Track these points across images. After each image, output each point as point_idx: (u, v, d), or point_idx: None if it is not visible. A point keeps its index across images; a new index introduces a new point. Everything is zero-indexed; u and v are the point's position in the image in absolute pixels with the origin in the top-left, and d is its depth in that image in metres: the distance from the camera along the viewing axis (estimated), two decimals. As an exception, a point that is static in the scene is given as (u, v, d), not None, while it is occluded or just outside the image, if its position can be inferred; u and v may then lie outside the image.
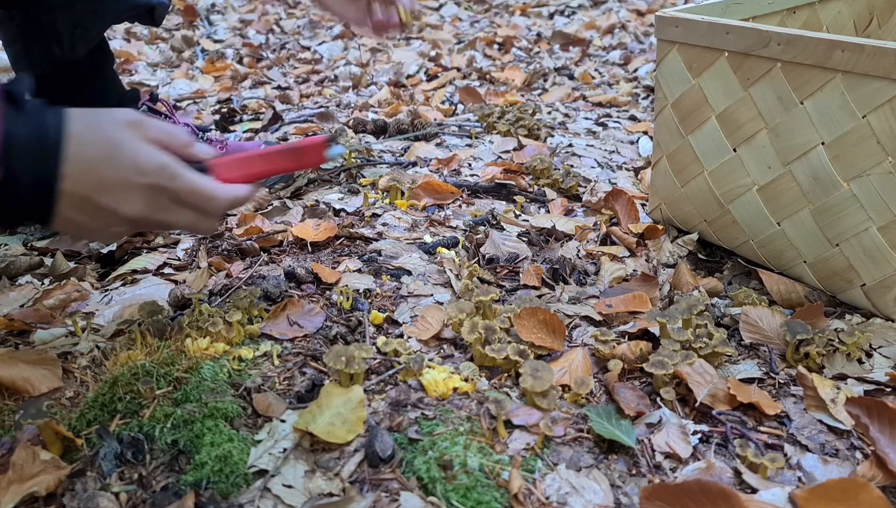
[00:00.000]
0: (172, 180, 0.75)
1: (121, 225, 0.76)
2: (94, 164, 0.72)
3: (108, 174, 0.72)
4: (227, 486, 0.71)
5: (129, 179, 0.73)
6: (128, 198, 0.73)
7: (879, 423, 0.78)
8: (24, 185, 0.69)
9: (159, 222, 0.77)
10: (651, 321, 0.95)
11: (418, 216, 1.32)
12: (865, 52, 0.86)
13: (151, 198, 0.75)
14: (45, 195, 0.71)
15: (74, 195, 0.71)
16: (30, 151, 0.69)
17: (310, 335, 0.96)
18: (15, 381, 0.84)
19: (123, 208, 0.73)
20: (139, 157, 0.73)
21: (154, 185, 0.74)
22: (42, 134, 0.70)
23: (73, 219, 0.73)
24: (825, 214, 0.98)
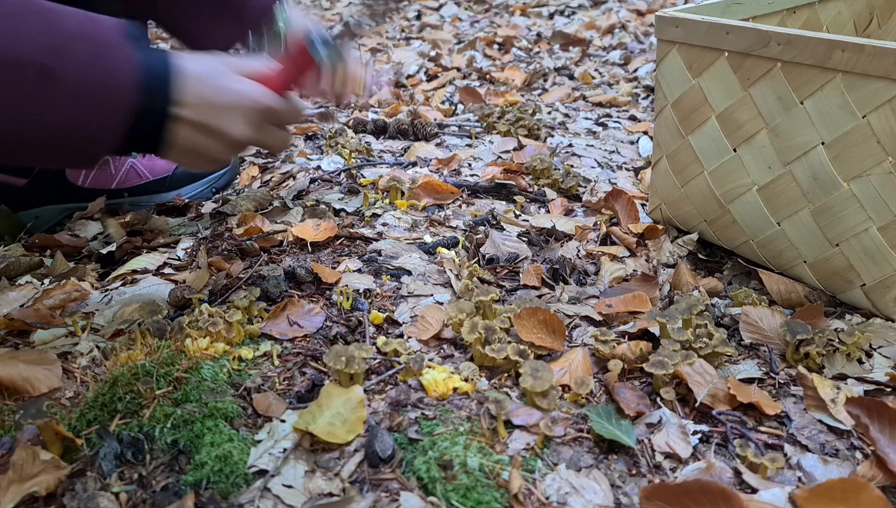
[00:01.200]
0: (273, 103, 0.87)
1: (228, 148, 0.86)
2: (206, 93, 0.82)
3: (219, 102, 0.83)
4: (227, 486, 0.71)
5: (238, 105, 0.84)
6: (236, 122, 0.84)
7: (879, 423, 0.78)
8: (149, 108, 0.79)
9: (259, 142, 0.90)
10: (651, 321, 0.95)
11: (418, 216, 1.32)
12: (865, 52, 0.86)
13: (255, 121, 0.86)
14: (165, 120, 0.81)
15: (189, 121, 0.82)
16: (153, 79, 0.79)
17: (310, 335, 0.96)
18: (15, 381, 0.84)
19: (232, 131, 0.84)
20: (243, 87, 0.85)
21: (260, 109, 0.86)
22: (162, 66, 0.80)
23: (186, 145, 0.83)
24: (825, 214, 0.98)
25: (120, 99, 0.77)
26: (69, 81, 0.73)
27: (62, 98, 0.73)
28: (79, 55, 0.74)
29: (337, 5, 4.08)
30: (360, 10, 0.97)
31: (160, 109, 0.80)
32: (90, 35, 0.76)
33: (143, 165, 1.38)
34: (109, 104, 0.76)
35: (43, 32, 0.73)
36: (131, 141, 0.81)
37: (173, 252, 1.20)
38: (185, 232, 1.29)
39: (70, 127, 0.76)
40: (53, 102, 0.73)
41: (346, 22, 0.97)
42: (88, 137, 0.78)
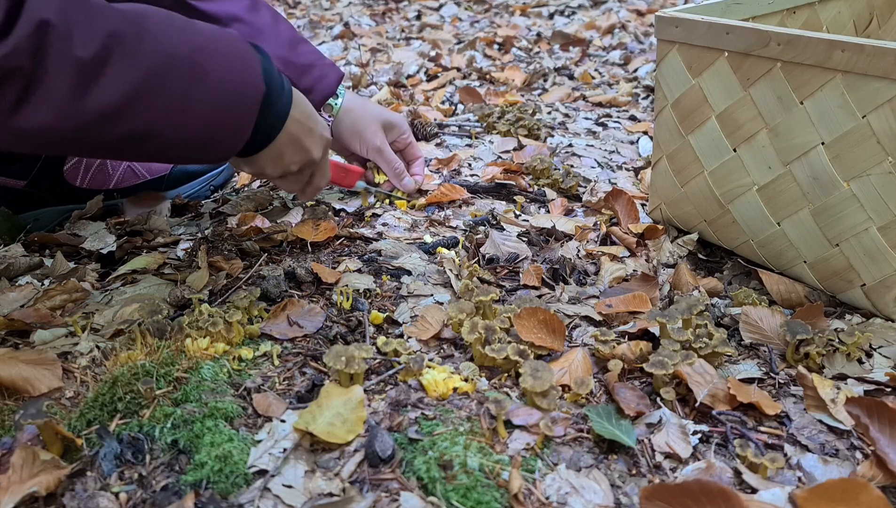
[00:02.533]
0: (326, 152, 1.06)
1: (300, 166, 1.00)
2: (307, 113, 0.97)
3: (313, 125, 0.98)
4: (227, 486, 0.71)
5: (321, 132, 1.01)
6: (316, 146, 1.00)
7: (879, 423, 0.78)
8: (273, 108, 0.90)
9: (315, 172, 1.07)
10: (651, 321, 0.95)
11: (418, 216, 1.32)
12: (865, 52, 0.86)
13: (324, 150, 1.03)
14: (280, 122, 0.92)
15: (290, 132, 0.94)
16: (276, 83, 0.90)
17: (310, 335, 0.96)
18: (15, 381, 0.84)
19: (312, 152, 1.00)
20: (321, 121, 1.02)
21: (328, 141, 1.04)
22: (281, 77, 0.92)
23: (278, 150, 0.95)
24: (825, 214, 0.98)
25: (253, 96, 0.86)
26: (215, 77, 0.82)
27: (210, 92, 0.82)
28: (221, 54, 0.83)
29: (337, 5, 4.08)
30: None
31: (278, 110, 0.91)
32: (225, 38, 0.85)
33: (140, 165, 1.38)
34: (246, 100, 0.86)
35: (190, 34, 0.81)
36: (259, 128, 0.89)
37: (173, 252, 1.20)
38: (185, 232, 1.29)
39: (216, 119, 0.84)
40: (203, 96, 0.81)
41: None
42: (229, 130, 0.86)
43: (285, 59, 1.22)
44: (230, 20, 1.20)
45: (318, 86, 1.26)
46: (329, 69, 1.28)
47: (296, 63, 1.24)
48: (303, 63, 1.25)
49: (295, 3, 4.13)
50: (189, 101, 0.80)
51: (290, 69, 1.22)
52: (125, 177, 1.37)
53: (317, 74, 1.26)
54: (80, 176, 1.33)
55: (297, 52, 1.25)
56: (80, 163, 1.32)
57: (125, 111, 0.76)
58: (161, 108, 0.78)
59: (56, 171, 1.30)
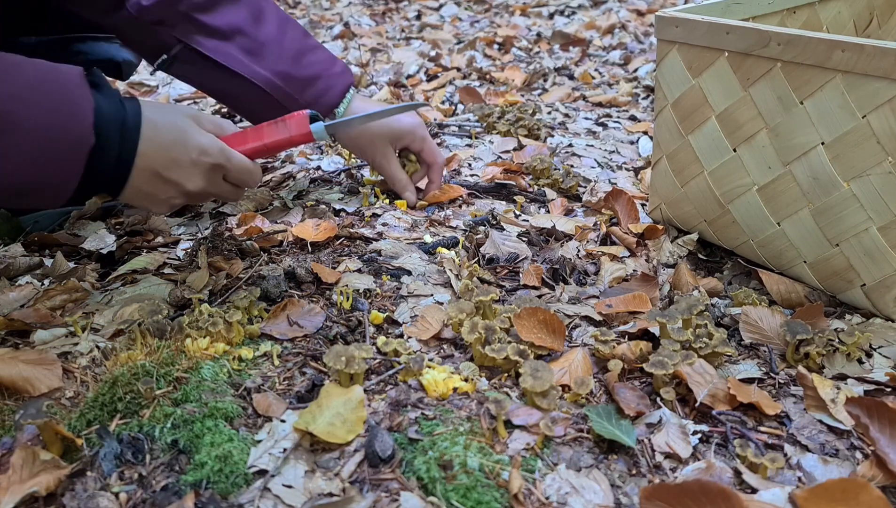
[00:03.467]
0: (229, 161, 0.94)
1: (180, 197, 0.93)
2: (166, 145, 0.87)
3: (177, 155, 0.88)
4: (227, 486, 0.71)
5: (194, 160, 0.90)
6: (191, 175, 0.91)
7: (879, 423, 0.78)
8: (109, 155, 0.83)
9: (210, 194, 0.96)
10: (651, 321, 0.95)
11: (418, 216, 1.32)
12: (865, 52, 0.86)
13: (210, 175, 0.93)
14: (124, 167, 0.85)
15: (147, 170, 0.87)
16: (115, 127, 0.83)
17: (310, 335, 0.96)
18: (15, 381, 0.84)
19: (186, 183, 0.91)
20: (202, 142, 0.91)
21: (215, 164, 0.92)
22: (123, 114, 0.84)
23: (141, 190, 0.89)
24: (825, 214, 0.98)
25: (78, 144, 0.80)
26: (30, 128, 0.77)
27: (23, 142, 0.78)
28: (40, 103, 0.78)
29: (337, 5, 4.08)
30: None
31: (116, 155, 0.84)
32: (49, 83, 0.80)
33: None
34: (67, 148, 0.80)
35: (7, 81, 0.77)
36: (90, 185, 0.85)
37: (173, 252, 1.20)
38: (185, 232, 1.29)
39: (33, 171, 0.80)
40: (15, 146, 0.77)
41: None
42: (50, 181, 0.82)
43: (286, 75, 1.20)
44: (233, 33, 1.17)
45: (321, 100, 1.23)
46: (335, 79, 1.25)
47: (297, 77, 1.21)
48: (305, 76, 1.22)
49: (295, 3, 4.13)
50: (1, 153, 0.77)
51: (291, 84, 1.20)
52: None
53: (321, 86, 1.23)
54: None
55: (301, 65, 1.22)
56: None
57: None
58: None
59: None
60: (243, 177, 0.98)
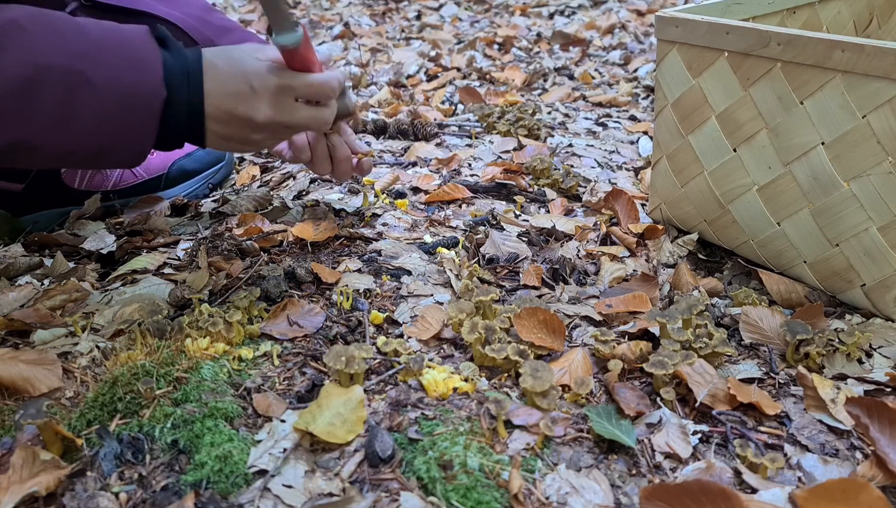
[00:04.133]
0: (292, 80, 0.89)
1: (258, 131, 0.90)
2: (227, 82, 0.86)
3: (238, 88, 0.87)
4: (227, 486, 0.71)
5: (255, 88, 0.87)
6: (257, 104, 0.87)
7: (879, 423, 0.78)
8: (181, 105, 0.84)
9: (287, 122, 0.91)
10: (651, 321, 0.95)
11: (418, 216, 1.32)
12: (865, 52, 0.86)
13: (277, 100, 0.89)
14: (197, 113, 0.86)
15: (218, 110, 0.86)
16: (181, 76, 0.84)
17: (310, 335, 0.96)
18: (15, 381, 0.84)
19: (255, 114, 0.88)
20: (261, 70, 0.88)
21: (277, 87, 0.88)
22: (186, 64, 0.85)
23: (220, 133, 0.89)
24: (825, 214, 0.98)
25: (149, 96, 0.82)
26: (102, 84, 0.79)
27: (95, 101, 0.79)
28: (108, 60, 0.79)
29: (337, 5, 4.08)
30: None
31: (186, 102, 0.85)
32: (116, 41, 0.81)
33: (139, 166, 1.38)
34: (141, 101, 0.82)
35: (74, 41, 0.78)
36: (169, 135, 0.87)
37: (173, 252, 1.20)
38: (184, 232, 1.29)
39: (109, 130, 0.81)
40: (87, 106, 0.79)
41: None
42: (129, 135, 0.83)
43: (201, 19, 1.17)
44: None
45: None
46: (249, 35, 1.22)
47: (213, 24, 1.18)
48: (220, 25, 1.20)
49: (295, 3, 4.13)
50: (70, 112, 0.78)
51: (208, 28, 1.17)
52: (123, 177, 1.37)
53: (238, 36, 1.20)
54: (78, 178, 1.33)
55: (213, 17, 1.20)
56: None
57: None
58: (37, 120, 0.77)
59: (54, 174, 1.30)
60: (315, 91, 0.91)
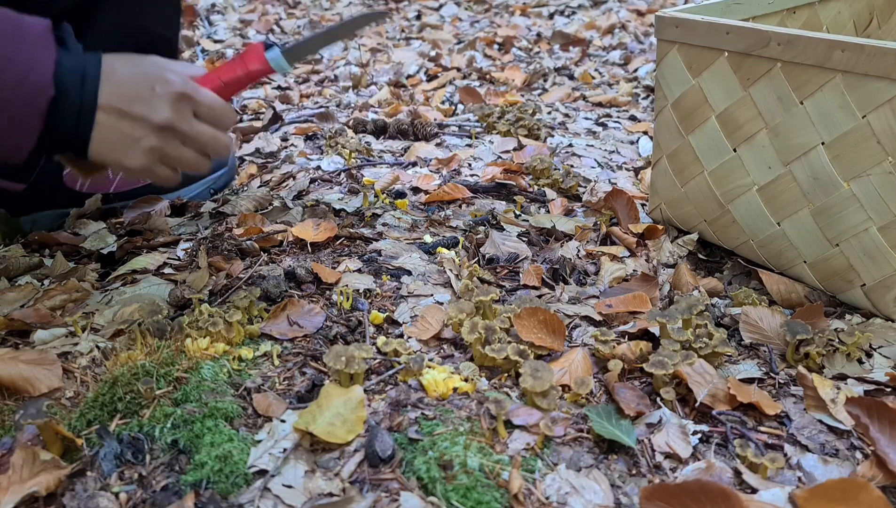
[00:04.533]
0: (196, 92, 0.89)
1: (152, 135, 0.87)
2: (125, 80, 0.85)
3: (138, 87, 0.85)
4: (227, 486, 0.71)
5: (156, 90, 0.86)
6: (156, 105, 0.86)
7: (879, 423, 0.78)
8: (70, 105, 0.82)
9: (184, 131, 0.89)
10: (651, 321, 0.95)
11: (418, 216, 1.32)
12: (865, 52, 0.86)
13: (176, 106, 0.87)
14: (87, 114, 0.83)
15: (109, 110, 0.84)
16: (76, 76, 0.82)
17: (310, 335, 0.96)
18: (15, 381, 0.84)
19: (152, 115, 0.86)
20: (165, 73, 0.87)
21: (179, 93, 0.87)
22: (83, 64, 0.83)
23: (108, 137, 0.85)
24: (825, 214, 0.98)
25: (35, 92, 0.79)
26: None
27: None
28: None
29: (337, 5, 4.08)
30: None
31: (76, 105, 0.82)
32: (10, 31, 0.79)
33: None
34: (26, 96, 0.79)
35: None
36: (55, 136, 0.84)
37: (173, 252, 1.20)
38: (185, 232, 1.29)
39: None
40: None
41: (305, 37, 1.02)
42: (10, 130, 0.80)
43: None
44: None
45: None
46: None
47: None
48: None
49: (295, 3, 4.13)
50: None
51: None
52: (125, 180, 1.37)
53: None
54: (80, 181, 1.33)
55: None
56: None
57: None
58: None
59: (55, 176, 1.31)
60: (216, 113, 0.91)
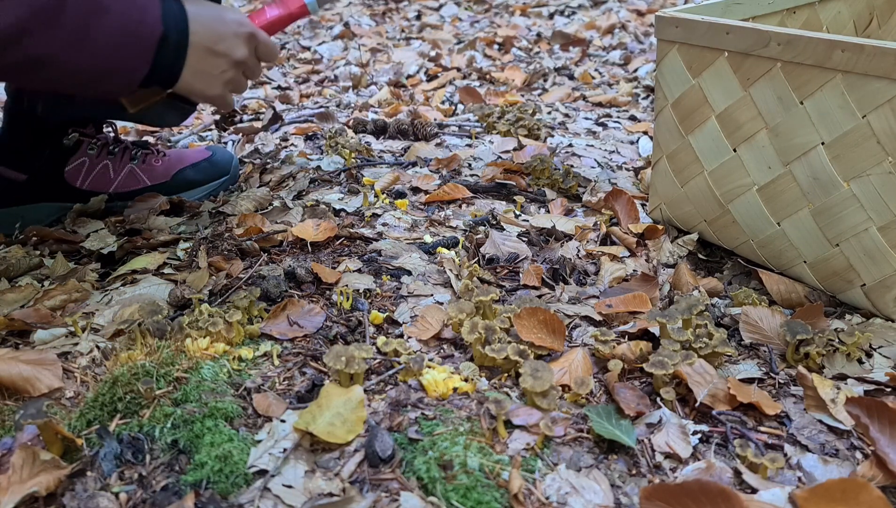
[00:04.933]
0: (258, 33, 1.09)
1: (230, 69, 1.06)
2: (210, 23, 1.03)
3: (221, 29, 1.04)
4: (227, 486, 0.71)
5: (235, 31, 1.05)
6: (236, 44, 1.05)
7: (879, 423, 0.78)
8: (170, 41, 0.98)
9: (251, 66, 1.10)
10: (651, 321, 0.95)
11: (418, 216, 1.32)
12: (865, 52, 0.86)
13: (248, 45, 1.07)
14: (182, 49, 1.00)
15: (199, 47, 1.01)
16: (173, 19, 0.98)
17: (310, 335, 0.96)
18: (15, 381, 0.84)
19: (233, 52, 1.05)
20: (238, 18, 1.07)
21: (250, 34, 1.07)
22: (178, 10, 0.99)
23: (196, 68, 1.03)
24: (825, 214, 0.98)
25: (150, 30, 0.95)
26: (115, 12, 0.91)
27: (108, 27, 0.91)
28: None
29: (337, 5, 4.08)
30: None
31: (175, 41, 0.99)
32: None
33: (141, 171, 1.39)
34: (144, 33, 0.95)
35: None
36: (157, 68, 0.99)
37: (173, 252, 1.20)
38: (184, 232, 1.29)
39: (115, 54, 0.94)
40: (101, 31, 0.90)
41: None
42: (127, 65, 0.96)
43: None
44: None
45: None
46: None
47: None
48: None
49: (295, 3, 4.13)
50: (88, 33, 0.89)
51: None
52: (126, 181, 1.38)
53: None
54: (81, 177, 1.34)
55: None
56: (83, 165, 1.33)
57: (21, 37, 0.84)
58: (59, 37, 0.87)
59: (58, 169, 1.31)
60: (269, 49, 1.11)
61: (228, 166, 1.48)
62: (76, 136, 1.32)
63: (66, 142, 1.28)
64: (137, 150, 1.41)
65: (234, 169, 1.50)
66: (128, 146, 1.40)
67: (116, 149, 1.37)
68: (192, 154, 1.46)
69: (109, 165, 1.37)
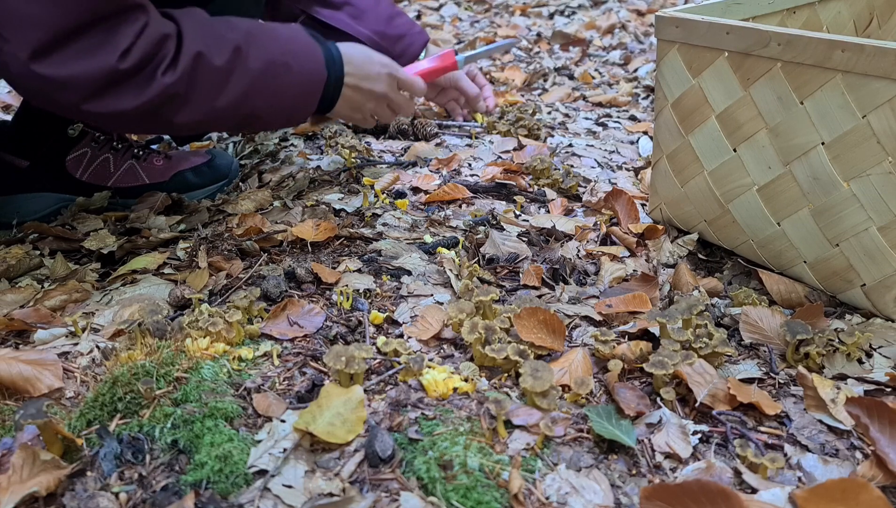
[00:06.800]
0: (398, 72, 1.34)
1: (373, 101, 1.31)
2: (360, 64, 1.27)
3: (368, 69, 1.28)
4: (227, 486, 0.71)
5: (378, 71, 1.29)
6: (378, 82, 1.29)
7: (879, 423, 0.78)
8: (330, 81, 1.22)
9: (391, 99, 1.34)
10: (651, 321, 0.95)
11: (418, 216, 1.32)
12: (865, 52, 0.86)
13: (389, 82, 1.32)
14: (338, 87, 1.24)
15: (350, 85, 1.26)
16: (332, 63, 1.21)
17: (310, 335, 0.96)
18: (15, 381, 0.84)
19: (376, 88, 1.29)
20: (381, 58, 1.31)
21: (392, 74, 1.32)
22: (334, 52, 1.23)
23: (347, 101, 1.27)
24: (825, 214, 0.98)
25: (318, 75, 1.20)
26: (296, 70, 1.15)
27: (293, 81, 1.16)
28: (299, 52, 1.16)
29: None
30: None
31: (334, 80, 1.23)
32: (298, 38, 1.18)
33: (141, 169, 1.39)
34: (315, 79, 1.19)
35: (278, 41, 1.14)
36: (322, 100, 1.22)
37: (173, 252, 1.20)
38: (185, 232, 1.29)
39: (297, 97, 1.19)
40: (289, 85, 1.15)
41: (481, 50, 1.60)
42: (305, 102, 1.21)
43: (382, 33, 1.59)
44: (342, 4, 1.58)
45: (406, 52, 1.62)
46: (416, 37, 1.63)
47: (390, 35, 1.61)
48: (395, 34, 1.61)
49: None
50: (281, 89, 1.14)
51: (385, 40, 1.59)
52: (125, 177, 1.38)
53: (406, 42, 1.63)
54: (82, 168, 1.35)
55: (393, 26, 1.61)
56: (84, 156, 1.34)
57: (241, 104, 1.09)
58: (265, 97, 1.12)
59: (59, 158, 1.33)
60: (412, 85, 1.37)
61: (227, 170, 1.48)
62: (80, 126, 1.33)
63: (70, 132, 1.34)
64: (141, 149, 1.41)
65: (233, 173, 1.50)
66: (132, 144, 1.40)
67: (120, 145, 1.38)
68: (193, 157, 1.47)
69: (110, 158, 1.37)
